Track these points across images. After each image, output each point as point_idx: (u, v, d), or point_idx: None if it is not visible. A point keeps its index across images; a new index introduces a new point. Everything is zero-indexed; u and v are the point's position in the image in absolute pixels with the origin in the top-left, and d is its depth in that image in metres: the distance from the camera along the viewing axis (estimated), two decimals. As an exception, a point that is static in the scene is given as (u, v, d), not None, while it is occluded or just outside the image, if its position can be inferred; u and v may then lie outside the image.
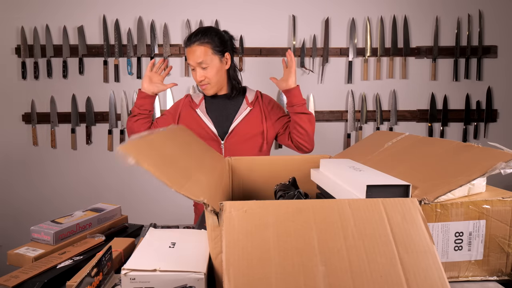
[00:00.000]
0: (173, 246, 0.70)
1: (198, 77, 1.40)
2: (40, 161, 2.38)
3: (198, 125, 1.46)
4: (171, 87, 1.50)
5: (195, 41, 1.37)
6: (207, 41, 1.37)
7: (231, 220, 0.55)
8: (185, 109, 1.50)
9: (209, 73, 1.40)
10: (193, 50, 1.37)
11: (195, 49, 1.37)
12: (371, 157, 0.97)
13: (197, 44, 1.37)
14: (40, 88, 2.33)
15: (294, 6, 2.37)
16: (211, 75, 1.40)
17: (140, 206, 2.34)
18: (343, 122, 2.44)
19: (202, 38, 1.37)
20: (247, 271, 0.50)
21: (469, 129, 2.46)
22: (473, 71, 2.42)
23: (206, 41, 1.37)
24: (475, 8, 2.39)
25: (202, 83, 1.43)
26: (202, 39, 1.37)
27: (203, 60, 1.37)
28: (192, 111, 1.48)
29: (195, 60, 1.37)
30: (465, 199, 0.71)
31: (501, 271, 0.72)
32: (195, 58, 1.37)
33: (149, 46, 2.33)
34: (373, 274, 0.51)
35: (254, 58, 2.36)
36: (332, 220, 0.56)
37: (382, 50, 2.38)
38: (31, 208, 2.39)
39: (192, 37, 1.38)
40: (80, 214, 1.05)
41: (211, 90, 1.45)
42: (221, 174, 0.99)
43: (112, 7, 2.33)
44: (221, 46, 1.40)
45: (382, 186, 0.68)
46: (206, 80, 1.41)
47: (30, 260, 0.84)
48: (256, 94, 1.51)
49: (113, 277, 0.75)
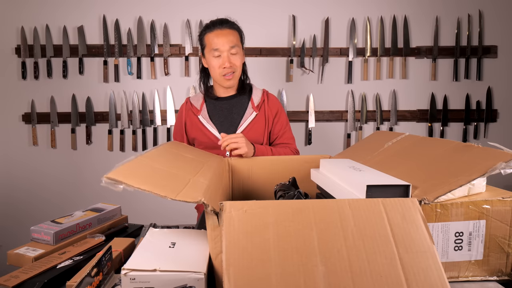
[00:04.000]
0: (173, 246, 0.70)
1: (226, 63, 1.30)
2: (40, 161, 2.38)
3: (202, 134, 1.39)
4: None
5: (226, 26, 1.32)
6: (236, 27, 1.35)
7: (231, 220, 0.55)
8: (188, 118, 1.43)
9: (237, 61, 1.33)
10: (226, 33, 1.30)
11: (228, 32, 1.31)
12: (371, 157, 0.97)
13: (230, 28, 1.32)
14: (40, 88, 2.33)
15: (294, 6, 2.37)
16: (238, 63, 1.34)
17: (140, 206, 2.34)
18: (343, 122, 2.44)
19: (233, 25, 1.34)
20: (247, 271, 0.50)
21: (469, 129, 2.46)
22: (473, 71, 2.42)
23: (236, 27, 1.35)
24: (475, 8, 2.39)
25: (227, 70, 1.32)
26: (232, 25, 1.34)
27: (236, 44, 1.31)
28: (195, 118, 1.41)
29: (227, 43, 1.29)
30: (465, 199, 0.71)
31: (501, 271, 0.72)
32: (228, 41, 1.29)
33: (149, 46, 2.33)
34: (373, 274, 0.51)
35: (254, 58, 2.36)
36: (332, 220, 0.56)
37: (382, 50, 2.38)
38: (31, 208, 2.39)
39: (223, 21, 1.34)
40: (80, 214, 1.05)
41: (234, 80, 1.37)
42: (221, 174, 0.99)
43: (112, 7, 2.33)
44: (243, 39, 1.39)
45: (382, 186, 0.68)
46: (234, 67, 1.33)
47: (30, 260, 0.84)
48: (262, 97, 1.43)
49: (113, 277, 0.75)
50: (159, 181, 0.63)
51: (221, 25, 1.33)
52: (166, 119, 2.36)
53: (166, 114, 2.36)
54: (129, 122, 2.37)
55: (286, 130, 1.46)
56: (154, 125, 2.37)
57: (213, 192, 0.73)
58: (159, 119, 2.36)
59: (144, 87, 2.36)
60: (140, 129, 2.38)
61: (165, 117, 2.36)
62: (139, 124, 2.36)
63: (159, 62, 2.36)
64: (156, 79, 2.36)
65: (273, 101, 1.46)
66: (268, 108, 1.42)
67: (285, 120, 1.47)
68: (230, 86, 1.40)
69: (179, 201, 0.57)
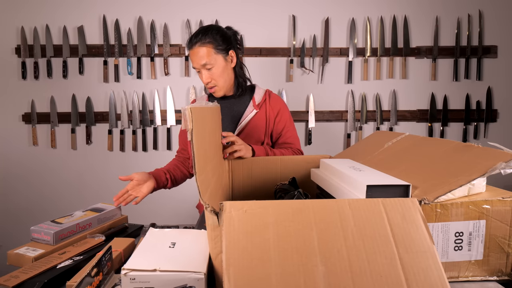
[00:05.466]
0: (173, 246, 0.70)
1: (204, 79, 1.34)
2: (40, 161, 2.38)
3: None
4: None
5: (196, 42, 1.31)
6: (208, 40, 1.31)
7: (231, 220, 0.55)
8: None
9: (215, 74, 1.33)
10: (195, 52, 1.31)
11: (197, 51, 1.30)
12: (371, 157, 0.97)
13: (199, 45, 1.31)
14: (40, 88, 2.33)
15: (294, 6, 2.37)
16: (217, 76, 1.34)
17: (140, 206, 2.33)
18: (343, 122, 2.44)
19: (203, 38, 1.31)
20: (247, 271, 0.50)
21: (469, 129, 2.46)
22: (473, 71, 2.42)
23: (207, 40, 1.31)
24: (475, 8, 2.39)
25: (209, 85, 1.36)
26: (203, 39, 1.31)
27: (207, 61, 1.30)
28: None
29: (198, 62, 1.31)
30: (465, 199, 0.70)
31: (501, 271, 0.72)
32: (198, 60, 1.31)
33: (149, 46, 2.33)
34: (373, 274, 0.51)
35: (254, 58, 2.36)
36: (332, 220, 0.56)
37: (382, 50, 2.38)
38: (31, 208, 2.39)
39: (192, 38, 1.33)
40: (80, 214, 1.05)
41: (220, 91, 1.39)
42: (221, 174, 0.99)
43: (112, 7, 2.33)
44: (224, 44, 1.34)
45: (382, 186, 0.68)
46: (213, 82, 1.35)
47: (30, 260, 0.84)
48: (264, 96, 1.44)
49: (113, 277, 0.75)
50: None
51: (190, 42, 1.33)
52: (166, 119, 2.36)
53: (166, 114, 2.36)
54: (129, 122, 2.37)
55: (288, 129, 1.44)
56: (154, 125, 2.37)
57: (213, 192, 0.73)
58: (159, 119, 2.36)
59: (144, 87, 2.37)
60: (140, 129, 2.38)
61: (165, 117, 2.36)
62: (139, 124, 2.36)
63: (159, 62, 2.36)
64: (156, 79, 2.36)
65: (275, 100, 1.45)
66: (270, 106, 1.42)
67: (287, 119, 1.45)
68: (220, 96, 1.42)
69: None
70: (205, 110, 0.81)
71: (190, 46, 1.33)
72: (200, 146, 0.67)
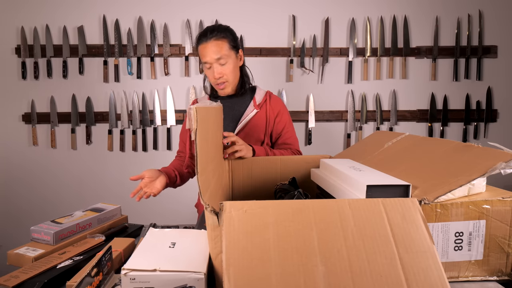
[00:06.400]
0: (173, 246, 0.70)
1: (216, 74, 1.35)
2: (40, 161, 2.38)
3: None
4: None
5: (212, 37, 1.33)
6: (223, 35, 1.34)
7: (231, 220, 0.55)
8: None
9: (227, 69, 1.35)
10: (211, 45, 1.32)
11: (214, 44, 1.32)
12: (371, 157, 0.97)
13: (215, 39, 1.33)
14: (40, 88, 2.33)
15: (294, 6, 2.37)
16: (229, 71, 1.36)
17: (140, 206, 2.33)
18: (343, 122, 2.44)
19: (219, 34, 1.34)
20: (247, 271, 0.50)
21: (469, 129, 2.46)
22: (473, 71, 2.42)
23: (222, 35, 1.34)
24: (475, 8, 2.39)
25: (220, 81, 1.37)
26: (219, 34, 1.34)
27: (222, 55, 1.32)
28: None
29: (213, 56, 1.32)
30: (465, 199, 0.70)
31: (501, 271, 0.72)
32: (213, 54, 1.32)
33: (149, 46, 2.33)
34: (373, 274, 0.51)
35: (254, 58, 2.36)
36: (332, 220, 0.56)
37: (382, 50, 2.38)
38: (31, 208, 2.39)
39: (208, 33, 1.34)
40: (80, 214, 1.05)
41: (229, 87, 1.40)
42: (221, 174, 0.98)
43: (112, 7, 2.33)
44: (235, 42, 1.38)
45: (382, 186, 0.68)
46: (224, 77, 1.36)
47: (30, 260, 0.84)
48: (265, 97, 1.46)
49: (113, 277, 0.75)
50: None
51: (205, 36, 1.34)
52: (166, 119, 2.36)
53: (166, 114, 2.36)
54: (129, 122, 2.37)
55: (288, 130, 1.46)
56: (154, 125, 2.37)
57: (213, 192, 0.73)
58: (159, 119, 2.36)
59: (144, 87, 2.37)
60: (140, 129, 2.38)
61: (165, 117, 2.36)
62: (139, 124, 2.36)
63: (159, 62, 2.36)
64: (156, 79, 2.36)
65: (276, 101, 1.47)
66: (270, 107, 1.44)
67: (287, 120, 1.47)
68: (226, 94, 1.43)
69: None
70: (209, 110, 0.81)
71: (204, 40, 1.34)
72: (203, 146, 0.67)
